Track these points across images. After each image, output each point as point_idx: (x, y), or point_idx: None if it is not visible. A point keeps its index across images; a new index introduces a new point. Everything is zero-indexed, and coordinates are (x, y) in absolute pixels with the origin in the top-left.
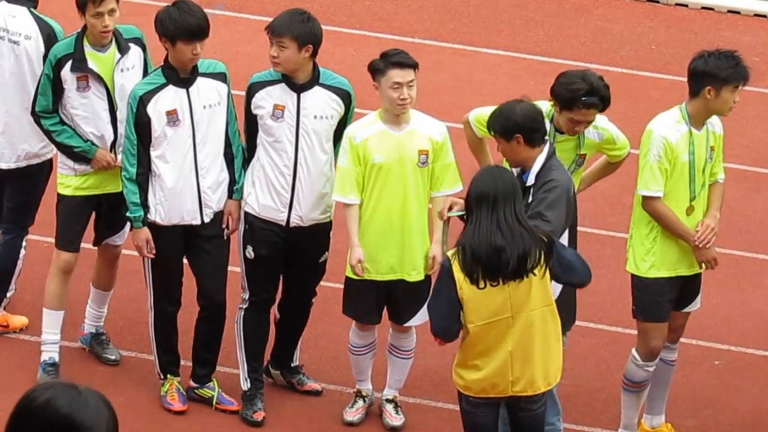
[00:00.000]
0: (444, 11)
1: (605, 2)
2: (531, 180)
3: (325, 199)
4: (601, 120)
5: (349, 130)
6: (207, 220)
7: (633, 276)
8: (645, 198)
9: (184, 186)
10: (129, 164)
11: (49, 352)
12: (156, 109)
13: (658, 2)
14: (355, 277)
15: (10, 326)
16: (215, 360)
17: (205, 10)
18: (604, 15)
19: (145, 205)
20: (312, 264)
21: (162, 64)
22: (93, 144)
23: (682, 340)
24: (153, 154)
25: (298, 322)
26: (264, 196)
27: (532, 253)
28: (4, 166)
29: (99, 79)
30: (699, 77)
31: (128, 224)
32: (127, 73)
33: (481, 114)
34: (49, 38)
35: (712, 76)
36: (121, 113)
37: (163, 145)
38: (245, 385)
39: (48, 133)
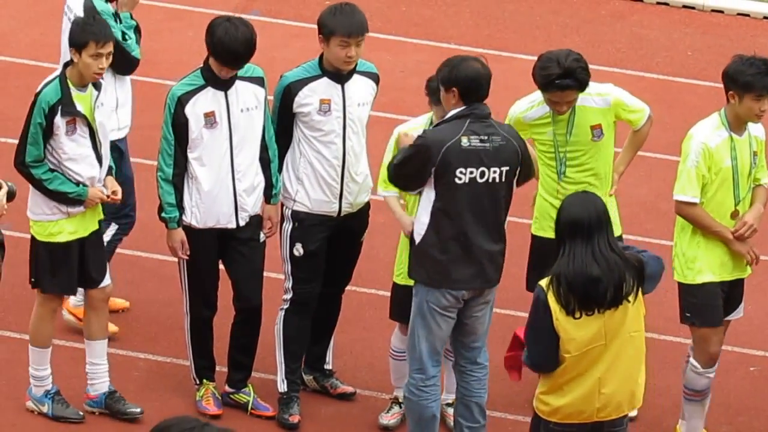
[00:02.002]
0: (480, 17)
1: (641, 8)
2: None
3: (368, 180)
4: (603, 87)
5: (401, 129)
6: (242, 223)
7: (682, 285)
8: (680, 203)
9: (220, 189)
10: (165, 165)
11: (47, 384)
12: (194, 111)
13: (694, 8)
14: (401, 283)
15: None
16: (251, 364)
17: (242, 16)
18: (640, 21)
19: (180, 206)
20: (355, 243)
21: (202, 65)
22: (84, 185)
23: None
24: (190, 156)
25: (332, 312)
26: (315, 191)
27: (627, 280)
28: None
29: (84, 119)
30: (725, 81)
31: (108, 267)
32: (102, 109)
33: (511, 119)
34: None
35: (733, 80)
36: (104, 150)
37: (200, 147)
38: (282, 386)
39: (39, 182)
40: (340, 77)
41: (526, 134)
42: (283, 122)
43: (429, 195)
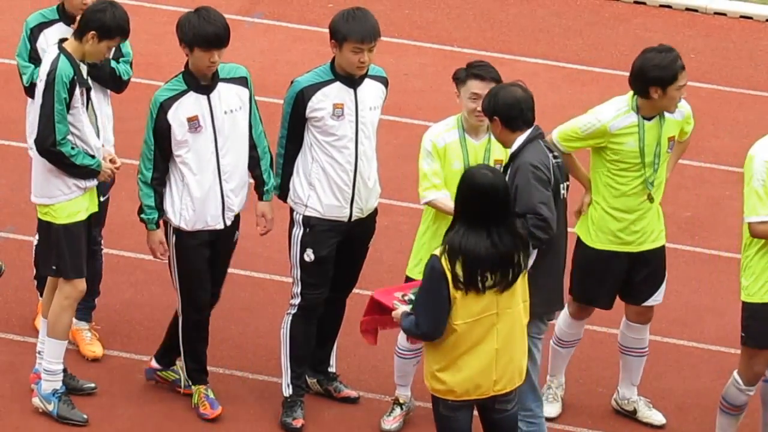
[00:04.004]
0: (483, 20)
1: (644, 11)
2: (506, 160)
3: (377, 186)
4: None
5: (431, 134)
6: (228, 223)
7: (746, 304)
8: (753, 224)
9: (209, 192)
10: (145, 168)
11: (57, 381)
12: (176, 116)
13: (696, 11)
14: (415, 278)
15: (83, 349)
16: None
17: (245, 19)
18: (643, 24)
19: (160, 208)
20: (362, 249)
21: (183, 70)
22: (95, 156)
23: (720, 348)
24: (179, 161)
25: (337, 316)
26: (327, 196)
27: (520, 261)
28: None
29: (89, 90)
30: None
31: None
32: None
33: (564, 130)
34: None
35: None
36: (99, 122)
37: (187, 152)
38: (287, 391)
39: (68, 159)
40: (353, 81)
41: (600, 143)
42: (294, 127)
43: None
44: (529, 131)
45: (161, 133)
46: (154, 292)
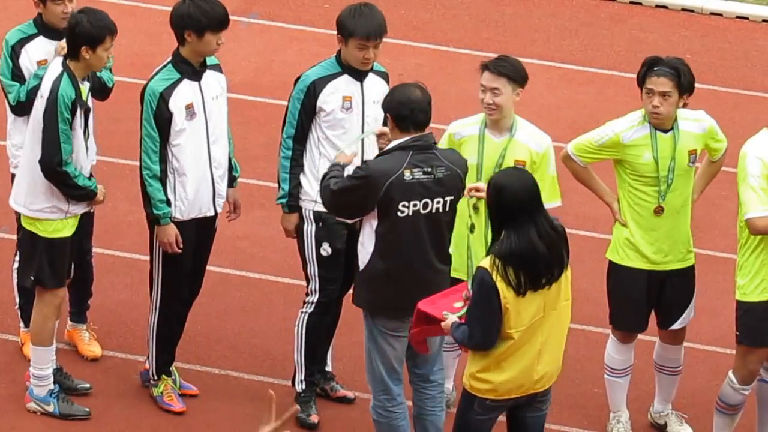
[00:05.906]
0: (479, 20)
1: (640, 11)
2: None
3: None
4: (698, 113)
5: (452, 127)
6: (219, 210)
7: (741, 302)
8: (752, 221)
9: (202, 179)
10: (151, 162)
11: (49, 384)
12: (176, 104)
13: (692, 11)
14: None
15: (82, 349)
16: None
17: (241, 19)
18: (639, 24)
19: (169, 200)
20: None
21: (171, 59)
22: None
23: (716, 348)
24: (174, 150)
25: (335, 315)
26: None
27: (564, 254)
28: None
29: (88, 111)
30: None
31: None
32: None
33: (578, 143)
34: None
35: None
36: (90, 141)
37: (182, 140)
38: (300, 387)
39: (72, 179)
40: (360, 74)
41: (616, 155)
42: (302, 122)
43: (372, 223)
44: (405, 140)
45: (161, 123)
46: (148, 292)
